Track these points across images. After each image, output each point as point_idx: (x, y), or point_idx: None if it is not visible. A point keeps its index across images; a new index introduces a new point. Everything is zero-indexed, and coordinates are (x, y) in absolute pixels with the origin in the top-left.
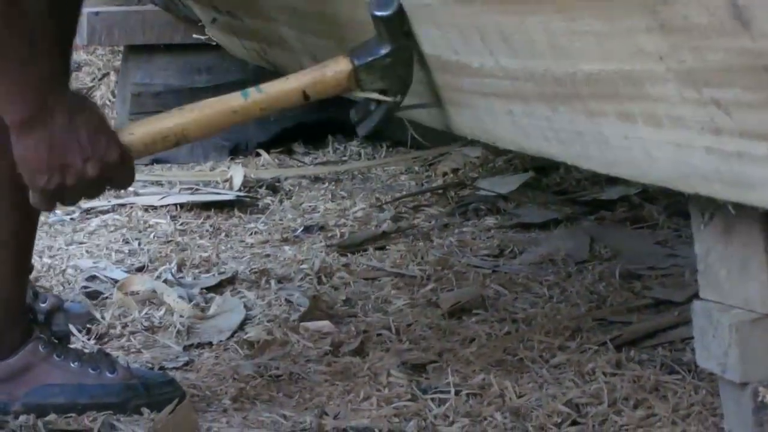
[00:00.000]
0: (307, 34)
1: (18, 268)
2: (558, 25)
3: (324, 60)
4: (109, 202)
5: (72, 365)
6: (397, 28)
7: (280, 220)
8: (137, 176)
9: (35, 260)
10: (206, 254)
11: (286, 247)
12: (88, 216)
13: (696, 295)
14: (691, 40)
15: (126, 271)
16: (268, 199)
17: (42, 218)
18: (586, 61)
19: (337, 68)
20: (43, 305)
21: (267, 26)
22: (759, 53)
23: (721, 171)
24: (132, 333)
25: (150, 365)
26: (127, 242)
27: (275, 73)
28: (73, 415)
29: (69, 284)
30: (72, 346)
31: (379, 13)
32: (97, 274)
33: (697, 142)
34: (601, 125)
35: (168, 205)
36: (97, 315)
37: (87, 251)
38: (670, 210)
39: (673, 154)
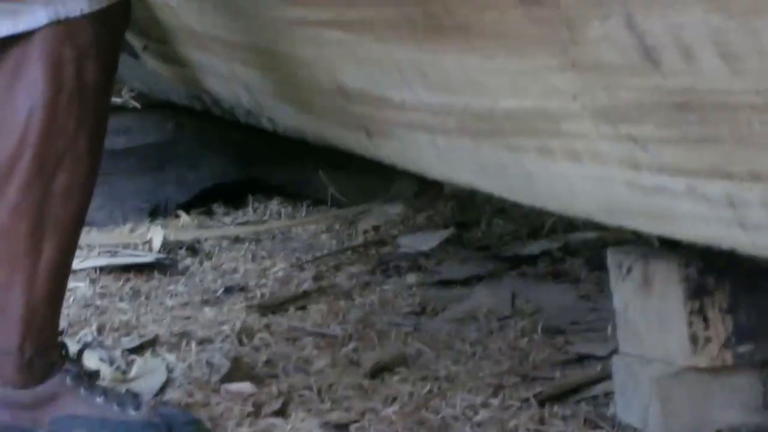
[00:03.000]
0: (236, 63)
1: (52, 295)
2: (473, 63)
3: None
4: None
5: (97, 400)
6: None
7: (201, 281)
8: None
9: None
10: (126, 317)
11: (207, 309)
12: None
13: (617, 350)
14: (603, 79)
15: None
16: (188, 261)
17: None
18: (503, 98)
19: None
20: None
21: (197, 55)
22: (670, 91)
23: (643, 204)
24: None
25: None
26: None
27: (203, 115)
28: None
29: None
30: (100, 383)
31: None
32: None
33: (617, 176)
34: (523, 160)
35: (87, 268)
36: None
37: None
38: (591, 264)
39: (595, 188)
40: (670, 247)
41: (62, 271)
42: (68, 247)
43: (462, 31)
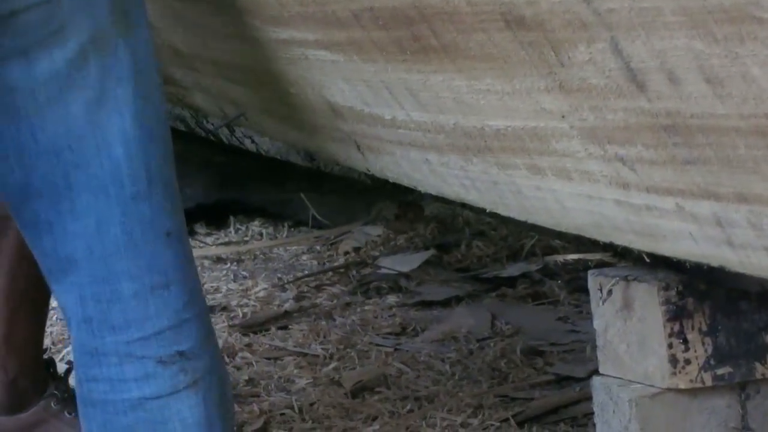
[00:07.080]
0: (224, 80)
1: (33, 314)
2: (461, 84)
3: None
4: None
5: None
6: None
7: None
8: None
9: None
10: None
11: None
12: None
13: (597, 371)
14: (590, 100)
15: None
16: None
17: None
18: (491, 117)
19: None
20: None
21: (182, 73)
22: (656, 113)
23: (632, 222)
24: None
25: None
26: None
27: (186, 137)
28: None
29: None
30: None
31: None
32: None
33: (606, 195)
34: (514, 177)
35: None
36: None
37: None
38: (570, 286)
39: (585, 205)
40: (650, 269)
41: (42, 290)
42: None
43: (449, 52)
